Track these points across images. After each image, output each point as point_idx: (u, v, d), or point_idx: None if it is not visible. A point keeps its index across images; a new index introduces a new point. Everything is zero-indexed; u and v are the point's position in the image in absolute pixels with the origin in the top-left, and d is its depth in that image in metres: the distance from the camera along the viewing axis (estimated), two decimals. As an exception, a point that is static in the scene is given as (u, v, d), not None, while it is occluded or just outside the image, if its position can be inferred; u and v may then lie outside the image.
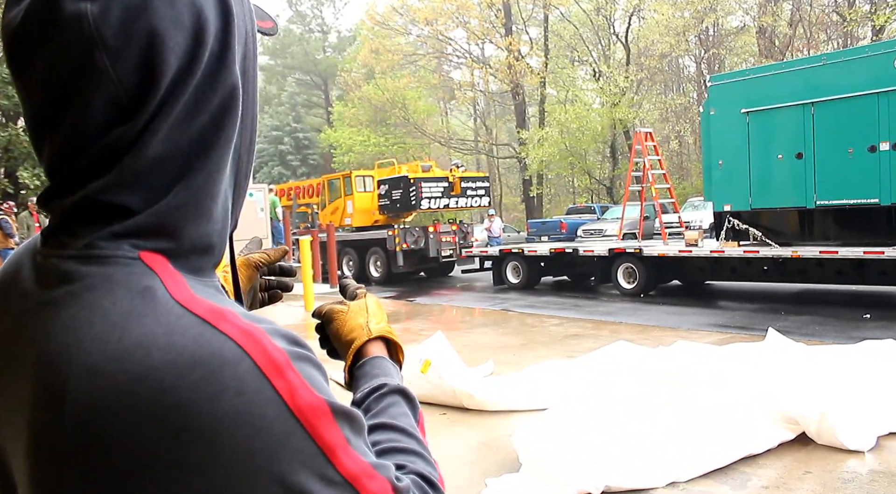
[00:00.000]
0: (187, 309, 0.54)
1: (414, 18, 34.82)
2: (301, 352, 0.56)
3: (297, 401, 0.53)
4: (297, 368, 0.55)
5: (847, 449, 3.98)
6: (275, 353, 0.54)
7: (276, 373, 0.53)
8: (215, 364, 0.51)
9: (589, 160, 33.09)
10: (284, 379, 0.53)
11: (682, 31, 28.07)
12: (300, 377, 0.54)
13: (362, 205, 18.22)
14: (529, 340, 8.25)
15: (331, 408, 0.56)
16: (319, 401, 0.55)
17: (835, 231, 10.46)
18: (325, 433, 0.55)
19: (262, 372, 0.53)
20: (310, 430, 0.54)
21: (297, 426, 0.53)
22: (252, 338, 0.54)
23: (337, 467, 0.55)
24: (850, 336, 7.41)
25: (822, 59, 10.58)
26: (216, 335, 0.53)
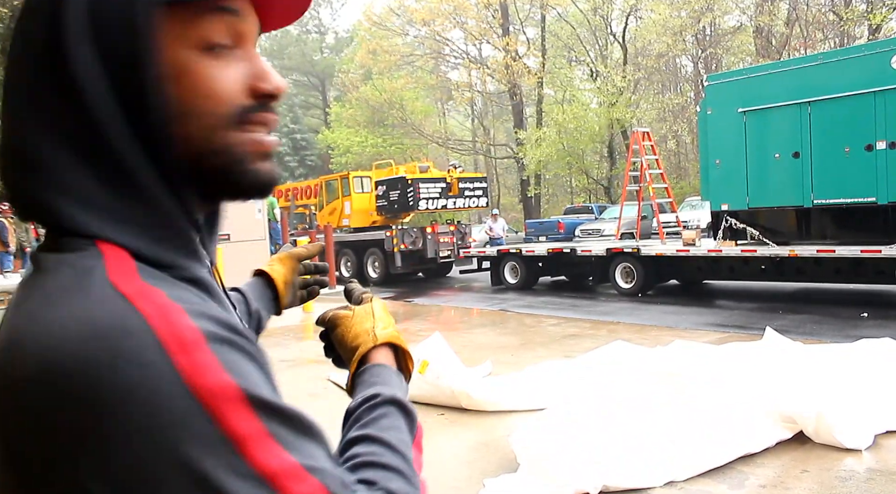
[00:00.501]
0: (117, 287, 0.54)
1: (411, 19, 34.85)
2: (225, 335, 0.54)
3: (199, 381, 0.50)
4: (212, 349, 0.52)
5: (845, 448, 3.99)
6: (185, 331, 0.52)
7: (181, 350, 0.51)
8: (119, 335, 0.50)
9: (586, 160, 33.11)
10: (189, 357, 0.51)
11: (679, 30, 28.11)
12: (213, 358, 0.52)
13: (360, 205, 18.21)
14: (527, 340, 8.25)
15: (246, 395, 0.52)
16: (229, 385, 0.51)
17: (832, 230, 10.47)
18: (233, 420, 0.51)
19: (164, 348, 0.51)
20: (211, 414, 0.50)
21: (198, 408, 0.50)
22: (165, 315, 0.52)
23: (247, 460, 0.51)
24: (847, 334, 7.41)
25: (819, 59, 10.60)
26: (130, 310, 0.52)
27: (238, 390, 0.52)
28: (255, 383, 0.54)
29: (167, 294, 0.54)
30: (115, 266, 0.56)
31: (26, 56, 0.60)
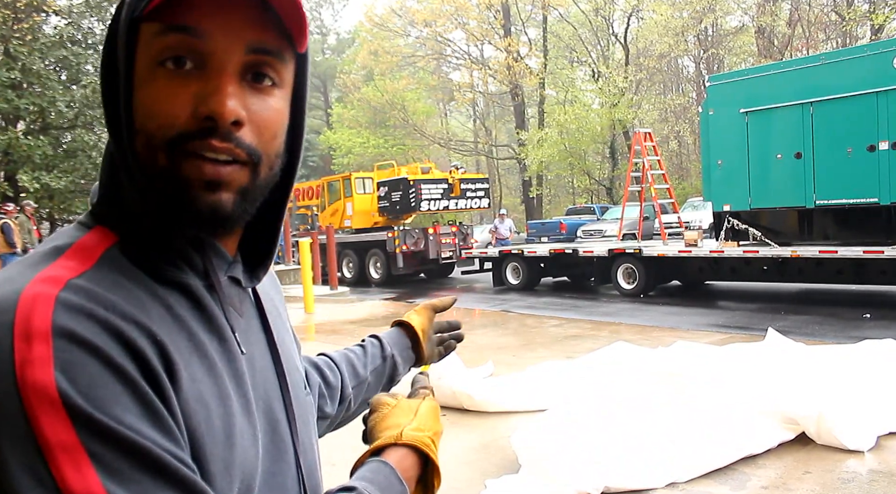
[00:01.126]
0: (47, 266, 0.57)
1: (413, 20, 34.85)
2: (87, 339, 0.52)
3: (25, 371, 0.50)
4: (55, 345, 0.51)
5: (847, 449, 3.98)
6: (39, 320, 0.51)
7: (25, 338, 0.51)
8: None
9: (588, 161, 33.09)
10: (29, 347, 0.50)
11: (681, 31, 28.09)
12: (50, 354, 0.50)
13: (362, 206, 18.21)
14: (529, 341, 8.25)
15: (65, 402, 0.50)
16: (50, 386, 0.49)
17: (834, 230, 10.45)
18: (46, 424, 0.49)
19: (12, 329, 0.51)
20: (27, 409, 0.49)
21: (16, 399, 0.49)
22: (36, 300, 0.53)
23: (51, 469, 0.49)
24: (849, 335, 7.40)
25: (821, 59, 10.59)
26: (19, 289, 0.54)
27: (57, 394, 0.49)
28: (90, 395, 0.50)
29: (77, 283, 0.55)
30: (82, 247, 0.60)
31: None
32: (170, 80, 0.60)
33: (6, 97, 17.44)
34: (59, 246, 0.59)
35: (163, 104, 0.60)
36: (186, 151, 0.60)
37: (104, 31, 20.88)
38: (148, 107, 0.60)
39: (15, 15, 18.38)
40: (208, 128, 0.60)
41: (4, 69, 17.36)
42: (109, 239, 0.61)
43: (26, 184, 17.28)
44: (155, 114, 0.60)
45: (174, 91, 0.60)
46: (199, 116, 0.59)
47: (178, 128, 0.60)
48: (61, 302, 0.53)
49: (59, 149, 19.47)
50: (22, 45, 17.89)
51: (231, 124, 0.60)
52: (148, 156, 0.60)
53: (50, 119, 19.03)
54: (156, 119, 0.60)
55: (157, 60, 0.60)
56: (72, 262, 0.57)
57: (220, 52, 0.60)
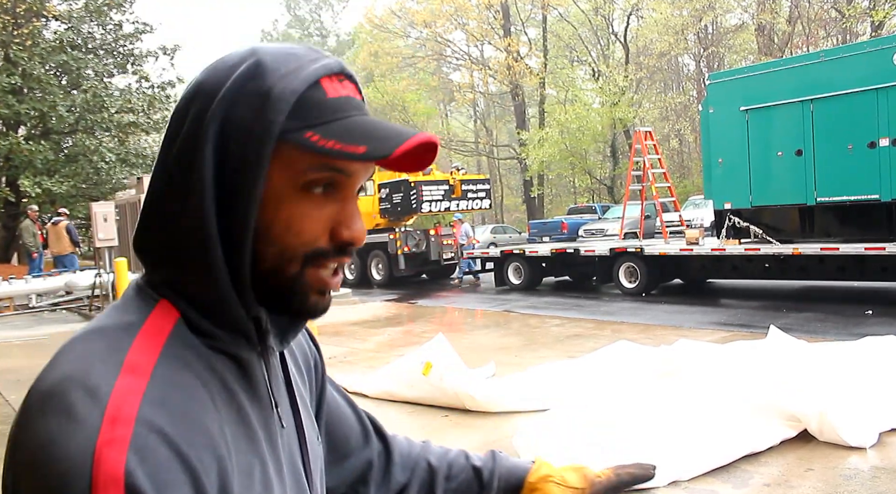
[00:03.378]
0: (129, 351, 0.59)
1: (412, 21, 34.88)
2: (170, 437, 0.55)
3: (105, 451, 0.52)
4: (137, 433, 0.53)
5: (849, 446, 3.98)
6: (126, 410, 0.54)
7: (111, 421, 0.53)
8: (88, 395, 0.55)
9: (589, 160, 33.09)
10: (112, 430, 0.53)
11: (681, 29, 28.09)
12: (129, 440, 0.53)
13: (363, 208, 18.20)
14: (531, 341, 8.25)
15: (127, 486, 0.52)
16: (122, 467, 0.52)
17: (835, 227, 10.44)
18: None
19: (103, 415, 0.54)
20: (93, 481, 0.52)
21: (89, 471, 0.52)
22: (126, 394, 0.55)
23: None
24: (851, 332, 7.40)
25: (821, 56, 10.58)
26: (112, 377, 0.56)
27: (123, 472, 0.52)
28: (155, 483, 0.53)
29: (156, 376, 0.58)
30: (153, 326, 0.62)
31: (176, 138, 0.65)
32: (312, 202, 0.65)
33: (7, 102, 17.50)
34: (133, 321, 0.62)
35: (306, 223, 0.65)
36: (320, 264, 0.66)
37: (104, 36, 20.82)
38: (290, 223, 0.64)
39: (15, 20, 18.43)
40: (345, 248, 0.67)
41: (5, 74, 17.40)
42: (173, 314, 0.64)
43: (28, 189, 17.33)
44: (297, 231, 0.64)
45: (316, 212, 0.65)
46: (340, 239, 0.66)
47: (317, 246, 0.65)
48: (147, 396, 0.56)
49: (60, 154, 19.52)
50: (22, 51, 17.94)
51: None
52: (277, 264, 0.65)
53: (51, 124, 19.09)
54: (299, 236, 0.65)
55: (303, 184, 0.64)
56: (148, 344, 0.60)
57: (356, 184, 0.68)
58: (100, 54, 21.28)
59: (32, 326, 11.84)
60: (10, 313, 13.59)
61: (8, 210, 19.73)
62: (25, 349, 9.51)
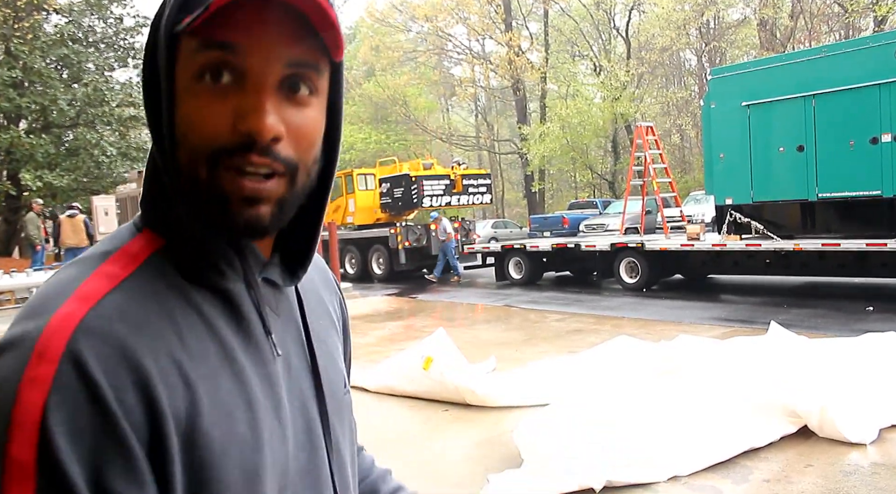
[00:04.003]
0: (87, 278, 0.59)
1: (414, 15, 34.79)
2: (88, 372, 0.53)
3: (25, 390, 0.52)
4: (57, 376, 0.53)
5: (849, 442, 3.98)
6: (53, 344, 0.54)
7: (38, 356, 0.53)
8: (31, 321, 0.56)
9: (590, 155, 33.06)
10: (35, 369, 0.53)
11: (683, 24, 28.02)
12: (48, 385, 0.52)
13: (364, 203, 18.22)
14: (532, 336, 8.25)
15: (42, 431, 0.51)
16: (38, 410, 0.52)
17: (837, 223, 10.43)
18: (18, 440, 0.51)
19: (34, 347, 0.54)
20: (10, 420, 0.52)
21: (8, 409, 0.52)
22: (61, 323, 0.55)
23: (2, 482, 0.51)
24: (852, 328, 7.40)
25: (823, 51, 10.54)
26: (57, 305, 0.56)
27: (39, 418, 0.51)
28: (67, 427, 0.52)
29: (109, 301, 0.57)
30: (126, 253, 0.63)
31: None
32: (210, 95, 0.61)
33: (8, 96, 17.48)
34: (108, 250, 0.63)
35: (204, 118, 0.61)
36: (226, 165, 0.62)
37: (105, 30, 20.85)
38: (189, 120, 0.62)
39: (16, 14, 18.39)
40: (248, 143, 0.61)
41: (6, 68, 17.38)
42: (155, 243, 0.64)
43: (29, 183, 17.33)
44: (196, 128, 0.62)
45: (214, 105, 0.61)
46: (239, 132, 0.61)
47: (218, 143, 0.61)
48: (83, 327, 0.55)
49: (62, 148, 19.52)
50: (23, 44, 17.91)
51: (270, 140, 0.62)
52: (190, 168, 0.63)
53: (52, 117, 19.06)
54: (197, 132, 0.62)
55: (197, 75, 0.61)
56: (115, 268, 0.60)
57: (258, 68, 0.61)
58: (101, 48, 21.25)
59: (33, 320, 11.84)
60: (11, 306, 13.60)
61: (9, 203, 19.74)
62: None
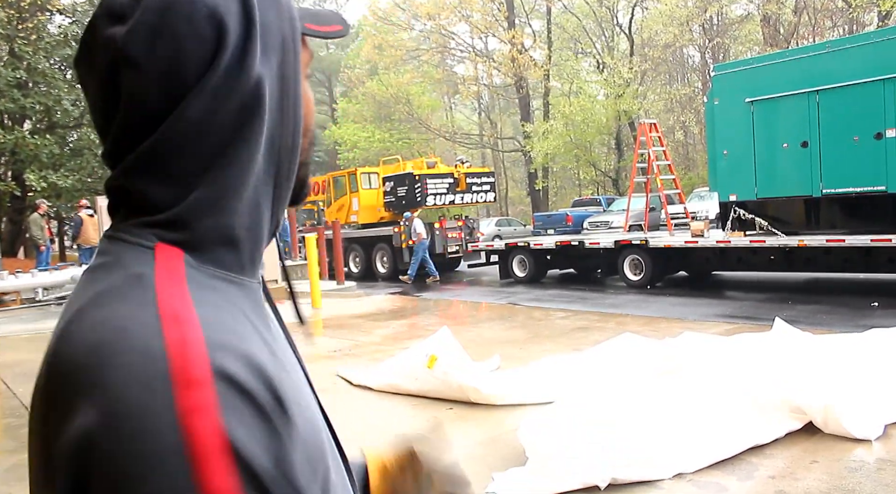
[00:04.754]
0: (158, 302, 0.55)
1: (416, 13, 34.75)
2: (240, 379, 0.52)
3: (191, 422, 0.50)
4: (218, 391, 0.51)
5: (854, 438, 3.98)
6: (197, 366, 0.51)
7: (186, 385, 0.50)
8: (140, 355, 0.51)
9: (594, 152, 33.02)
10: (191, 395, 0.50)
11: (686, 20, 27.93)
12: (215, 401, 0.51)
13: (368, 201, 18.24)
14: (536, 334, 8.25)
15: (234, 454, 0.50)
16: (220, 435, 0.50)
17: (841, 219, 10.41)
18: (209, 472, 0.49)
19: (171, 379, 0.50)
20: (191, 458, 0.49)
21: (180, 447, 0.49)
22: (186, 344, 0.52)
23: None
24: (857, 324, 7.38)
25: (827, 47, 10.52)
26: (157, 332, 0.53)
27: (227, 443, 0.50)
28: (252, 441, 0.52)
29: (203, 317, 0.55)
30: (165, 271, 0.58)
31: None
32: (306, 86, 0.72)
33: (12, 96, 17.52)
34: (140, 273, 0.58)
35: (312, 107, 0.73)
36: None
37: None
38: (311, 110, 0.72)
39: (20, 14, 18.44)
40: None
41: (10, 68, 17.42)
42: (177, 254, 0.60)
43: (33, 183, 17.37)
44: (313, 116, 0.73)
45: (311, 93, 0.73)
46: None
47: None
48: (208, 341, 0.53)
49: (66, 148, 19.55)
50: (27, 45, 17.95)
51: None
52: (307, 153, 0.72)
53: (56, 118, 19.12)
54: (313, 119, 0.74)
55: (306, 68, 0.72)
56: (171, 287, 0.57)
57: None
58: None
59: (39, 320, 11.89)
60: (16, 307, 13.65)
61: (14, 204, 19.80)
62: (32, 342, 9.56)
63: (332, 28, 0.74)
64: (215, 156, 0.61)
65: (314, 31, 0.72)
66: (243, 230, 0.64)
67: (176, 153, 0.61)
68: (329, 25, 0.74)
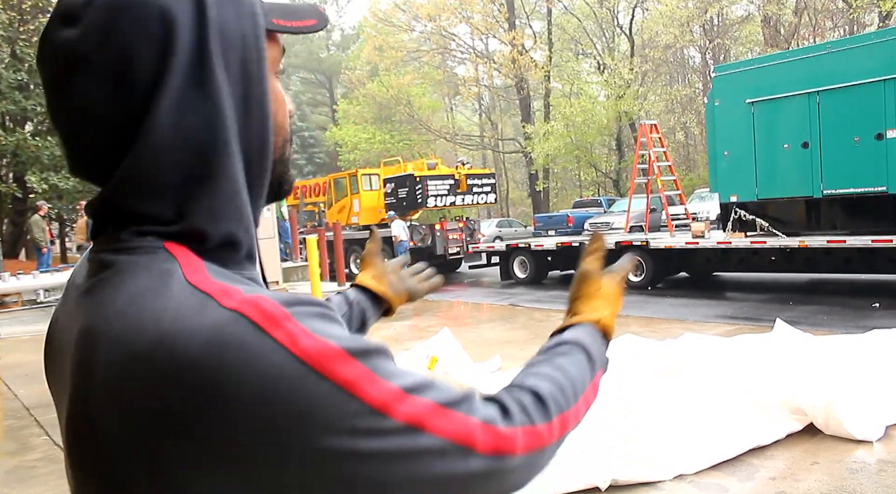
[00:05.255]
0: (197, 287, 0.59)
1: (417, 15, 34.78)
2: (304, 310, 0.58)
3: (299, 347, 0.55)
4: (298, 320, 0.57)
5: (855, 439, 3.97)
6: (271, 309, 0.57)
7: (273, 325, 0.56)
8: (217, 327, 0.55)
9: (595, 153, 33.03)
10: (283, 329, 0.56)
11: (687, 21, 27.95)
12: (301, 326, 0.56)
13: (369, 203, 18.24)
14: (537, 335, 8.25)
15: (342, 349, 0.57)
16: (324, 345, 0.56)
17: (842, 220, 10.40)
18: (340, 371, 0.56)
19: (259, 327, 0.55)
20: (321, 371, 0.55)
21: (308, 369, 0.55)
22: (248, 302, 0.57)
23: (362, 398, 0.56)
24: (858, 325, 7.37)
25: (827, 48, 10.51)
26: (217, 307, 0.57)
27: (331, 346, 0.56)
28: (343, 336, 0.58)
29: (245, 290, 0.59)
30: (188, 267, 0.61)
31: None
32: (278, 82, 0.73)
33: (13, 98, 17.53)
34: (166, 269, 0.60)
35: (286, 101, 0.73)
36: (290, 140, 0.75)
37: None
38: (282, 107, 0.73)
39: (21, 16, 18.46)
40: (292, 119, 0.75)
41: (11, 71, 17.44)
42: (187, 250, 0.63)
43: (34, 185, 17.38)
44: (285, 113, 0.73)
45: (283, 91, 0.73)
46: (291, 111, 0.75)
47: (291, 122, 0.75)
48: (265, 295, 0.58)
49: (67, 150, 19.55)
50: (28, 47, 17.96)
51: None
52: (282, 150, 0.73)
53: (57, 120, 19.08)
54: (287, 117, 0.74)
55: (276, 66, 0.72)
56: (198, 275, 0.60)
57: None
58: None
59: (40, 321, 11.90)
60: (18, 308, 13.66)
61: (15, 206, 19.81)
62: (34, 344, 9.56)
63: (305, 23, 0.73)
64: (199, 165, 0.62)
65: (283, 27, 0.71)
66: (241, 231, 0.66)
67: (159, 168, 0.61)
68: (301, 20, 0.73)
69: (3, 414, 6.12)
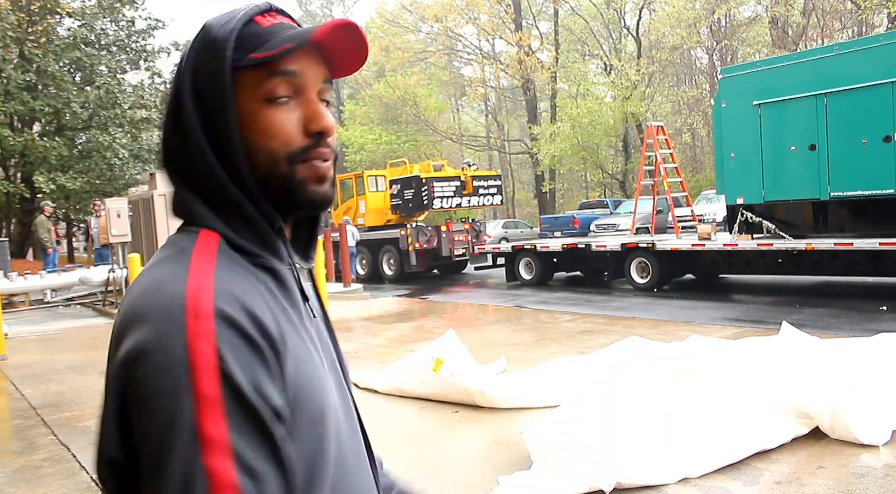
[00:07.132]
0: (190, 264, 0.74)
1: (423, 16, 34.82)
2: (238, 321, 0.69)
3: (195, 342, 0.67)
4: (217, 324, 0.68)
5: (861, 444, 3.95)
6: (205, 305, 0.69)
7: (195, 316, 0.68)
8: (168, 296, 0.70)
9: (601, 154, 32.96)
10: (198, 323, 0.68)
11: (694, 22, 27.89)
12: (213, 330, 0.68)
13: (375, 204, 18.26)
14: (542, 336, 8.25)
15: (222, 369, 0.66)
16: (214, 354, 0.67)
17: (849, 222, 10.35)
18: (203, 381, 0.66)
19: (186, 311, 0.68)
20: (193, 367, 0.66)
21: (186, 358, 0.66)
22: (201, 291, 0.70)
23: (195, 416, 0.65)
24: (865, 328, 7.35)
25: (835, 49, 10.46)
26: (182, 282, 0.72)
27: (217, 360, 0.67)
28: (236, 363, 0.68)
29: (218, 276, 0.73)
30: (202, 246, 0.77)
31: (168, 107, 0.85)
32: (279, 110, 0.82)
33: (22, 99, 17.63)
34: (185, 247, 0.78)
35: (280, 127, 0.82)
36: (303, 159, 0.83)
37: (117, 33, 20.86)
38: (267, 131, 0.82)
39: (29, 17, 18.57)
40: (318, 139, 0.84)
41: (20, 71, 17.53)
42: (216, 238, 0.79)
43: (42, 185, 17.45)
44: (275, 136, 0.82)
45: (285, 117, 0.82)
46: (311, 132, 0.83)
47: (295, 144, 0.82)
48: (217, 291, 0.71)
49: (74, 150, 19.64)
50: (37, 48, 18.06)
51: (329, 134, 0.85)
52: (269, 167, 0.82)
53: (65, 120, 19.21)
54: (276, 139, 0.82)
55: (265, 97, 0.81)
56: (205, 256, 0.76)
57: (310, 85, 0.84)
58: (113, 50, 21.38)
59: (47, 321, 11.96)
60: (25, 308, 13.73)
61: (23, 206, 19.91)
62: (40, 343, 9.61)
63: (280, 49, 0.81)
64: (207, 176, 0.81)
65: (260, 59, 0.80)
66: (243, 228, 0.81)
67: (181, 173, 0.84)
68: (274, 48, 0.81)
69: (10, 414, 6.14)
